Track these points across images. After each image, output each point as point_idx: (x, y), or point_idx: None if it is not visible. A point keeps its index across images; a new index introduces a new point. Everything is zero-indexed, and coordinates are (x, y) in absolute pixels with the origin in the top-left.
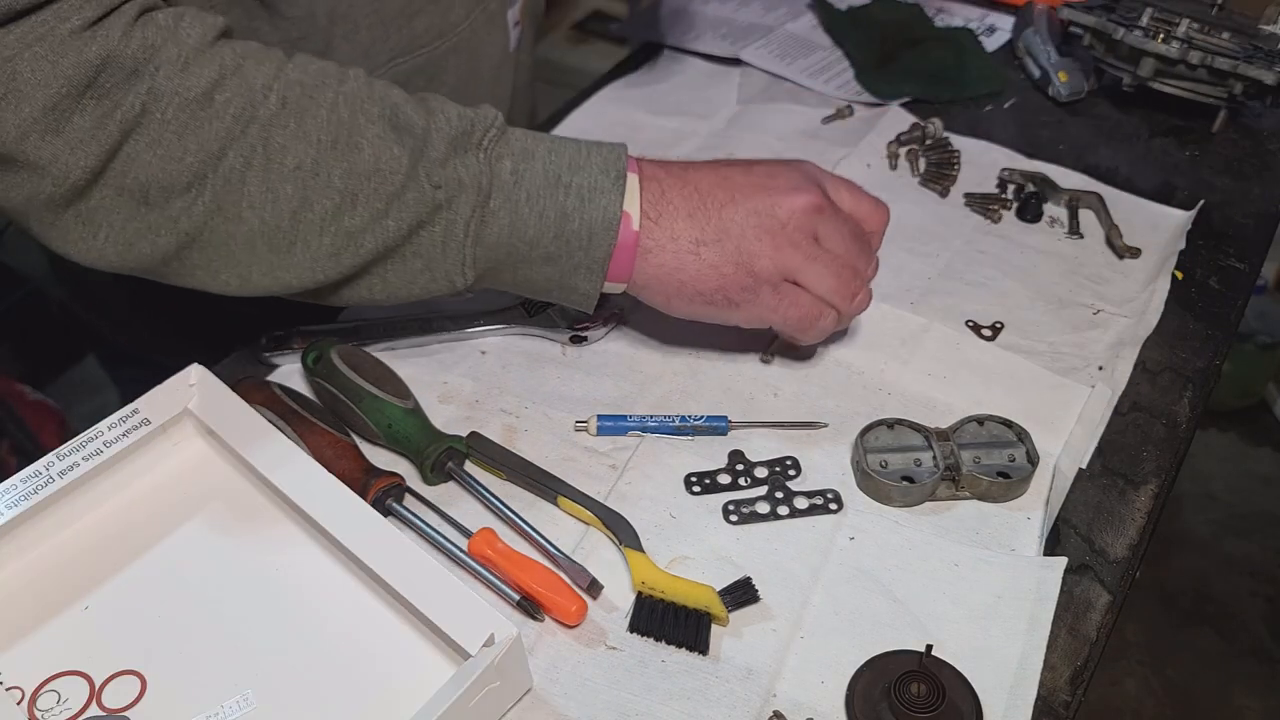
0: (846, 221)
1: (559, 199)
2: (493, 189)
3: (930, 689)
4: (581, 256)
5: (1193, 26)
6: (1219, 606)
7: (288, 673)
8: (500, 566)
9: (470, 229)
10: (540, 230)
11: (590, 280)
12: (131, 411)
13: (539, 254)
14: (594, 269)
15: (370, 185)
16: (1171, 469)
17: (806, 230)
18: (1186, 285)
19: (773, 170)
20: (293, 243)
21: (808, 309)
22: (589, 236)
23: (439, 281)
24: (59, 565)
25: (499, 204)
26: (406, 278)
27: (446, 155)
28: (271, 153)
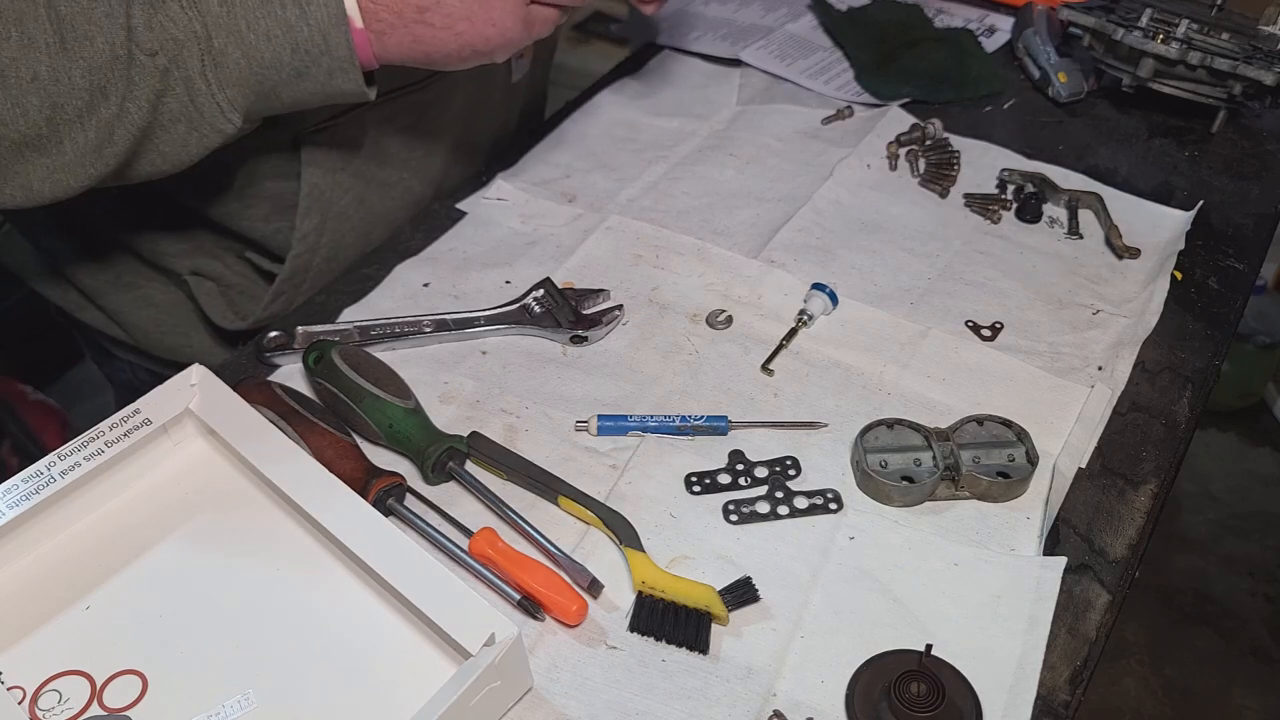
0: None
1: (278, 12)
2: (209, 30)
3: (930, 688)
4: (327, 60)
5: (1192, 27)
6: (1219, 606)
7: (288, 672)
8: (501, 566)
9: (208, 77)
10: (275, 51)
11: (349, 79)
12: (133, 411)
13: (287, 73)
14: (345, 68)
15: (114, 73)
16: (1171, 469)
17: None
18: (1186, 285)
19: None
20: (60, 142)
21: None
22: (324, 38)
23: (211, 135)
24: (60, 565)
25: (223, 41)
26: (179, 142)
27: (148, 17)
28: (4, 70)
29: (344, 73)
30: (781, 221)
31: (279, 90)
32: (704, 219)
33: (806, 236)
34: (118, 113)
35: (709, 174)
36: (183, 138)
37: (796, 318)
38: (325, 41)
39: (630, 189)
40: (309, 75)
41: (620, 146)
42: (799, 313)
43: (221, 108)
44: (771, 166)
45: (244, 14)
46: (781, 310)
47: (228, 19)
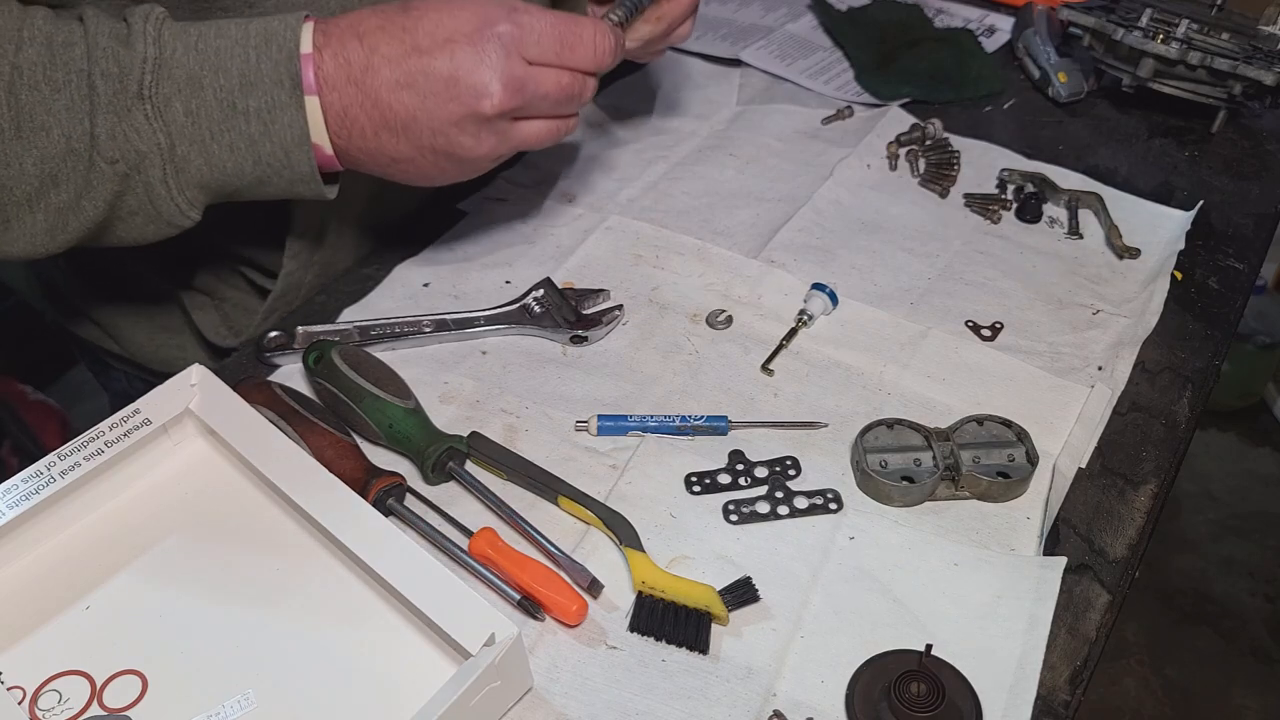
0: (547, 95)
1: (241, 127)
2: (173, 140)
3: (930, 688)
4: (289, 174)
5: (1192, 27)
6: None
7: (288, 672)
8: (501, 566)
9: (169, 182)
10: (237, 161)
11: (310, 188)
12: (133, 411)
13: (249, 179)
14: (306, 180)
15: (67, 165)
16: (1171, 469)
17: (497, 128)
18: (1186, 285)
19: (455, 63)
20: (6, 222)
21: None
22: (286, 155)
23: (168, 226)
24: (60, 565)
25: (185, 149)
26: (136, 231)
27: (112, 126)
28: None
29: (305, 184)
30: (781, 221)
31: (240, 192)
32: (704, 219)
33: (806, 236)
34: (72, 205)
35: (709, 174)
36: (140, 228)
37: (796, 318)
38: (287, 158)
39: (630, 189)
40: (270, 183)
41: (620, 146)
42: (799, 313)
43: (180, 207)
44: (771, 166)
45: (208, 125)
46: (781, 310)
47: (192, 129)
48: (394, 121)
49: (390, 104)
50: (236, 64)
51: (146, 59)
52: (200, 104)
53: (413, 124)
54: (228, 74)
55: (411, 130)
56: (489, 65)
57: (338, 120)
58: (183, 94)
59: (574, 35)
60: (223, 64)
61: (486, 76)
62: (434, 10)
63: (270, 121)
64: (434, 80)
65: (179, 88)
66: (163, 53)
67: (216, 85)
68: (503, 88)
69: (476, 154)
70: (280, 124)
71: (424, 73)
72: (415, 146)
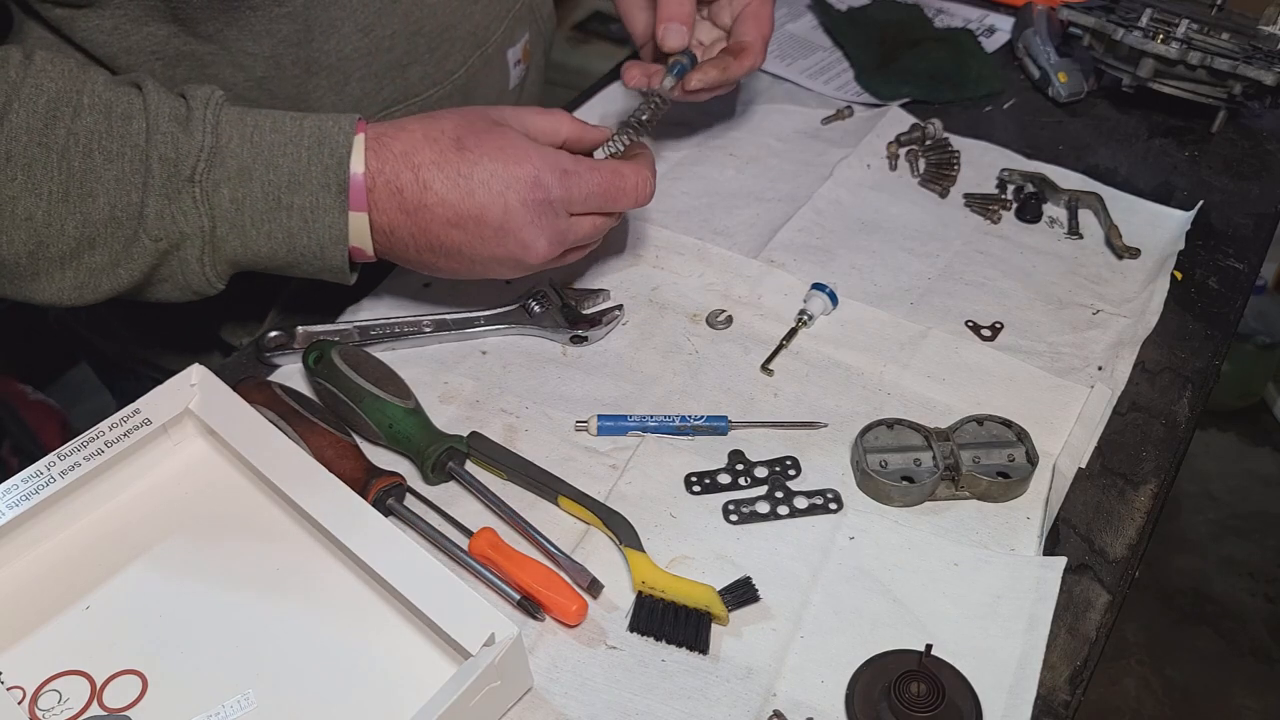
0: (581, 228)
1: (283, 221)
2: (215, 222)
3: (930, 688)
4: (319, 265)
5: (1192, 27)
6: (1219, 606)
7: (288, 672)
8: (501, 566)
9: (204, 261)
10: (272, 248)
11: (337, 277)
12: (133, 411)
13: (279, 263)
14: (335, 272)
15: (107, 231)
16: (1171, 469)
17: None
18: (1186, 285)
19: (505, 223)
20: (35, 275)
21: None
22: (320, 250)
23: (192, 294)
24: (60, 565)
25: (225, 231)
26: (160, 295)
27: (161, 207)
28: (1, 203)
29: (333, 274)
30: (781, 221)
31: (267, 270)
32: (704, 219)
33: (806, 236)
34: (107, 269)
35: (709, 174)
36: (165, 293)
37: (796, 318)
38: (321, 252)
39: None
40: (298, 268)
41: None
42: (799, 313)
43: (209, 280)
44: (771, 166)
45: (251, 214)
46: (781, 310)
47: (235, 215)
48: (439, 248)
49: (439, 235)
50: (287, 161)
51: (204, 148)
52: (247, 194)
53: (457, 254)
54: (278, 169)
55: (455, 257)
56: (538, 226)
57: (383, 233)
58: (231, 182)
59: (617, 189)
60: (274, 159)
61: (534, 235)
62: (489, 158)
63: (312, 220)
64: (485, 228)
65: (229, 175)
66: (219, 141)
67: (265, 179)
68: (548, 245)
69: (508, 277)
70: (321, 224)
71: (476, 220)
72: (454, 265)
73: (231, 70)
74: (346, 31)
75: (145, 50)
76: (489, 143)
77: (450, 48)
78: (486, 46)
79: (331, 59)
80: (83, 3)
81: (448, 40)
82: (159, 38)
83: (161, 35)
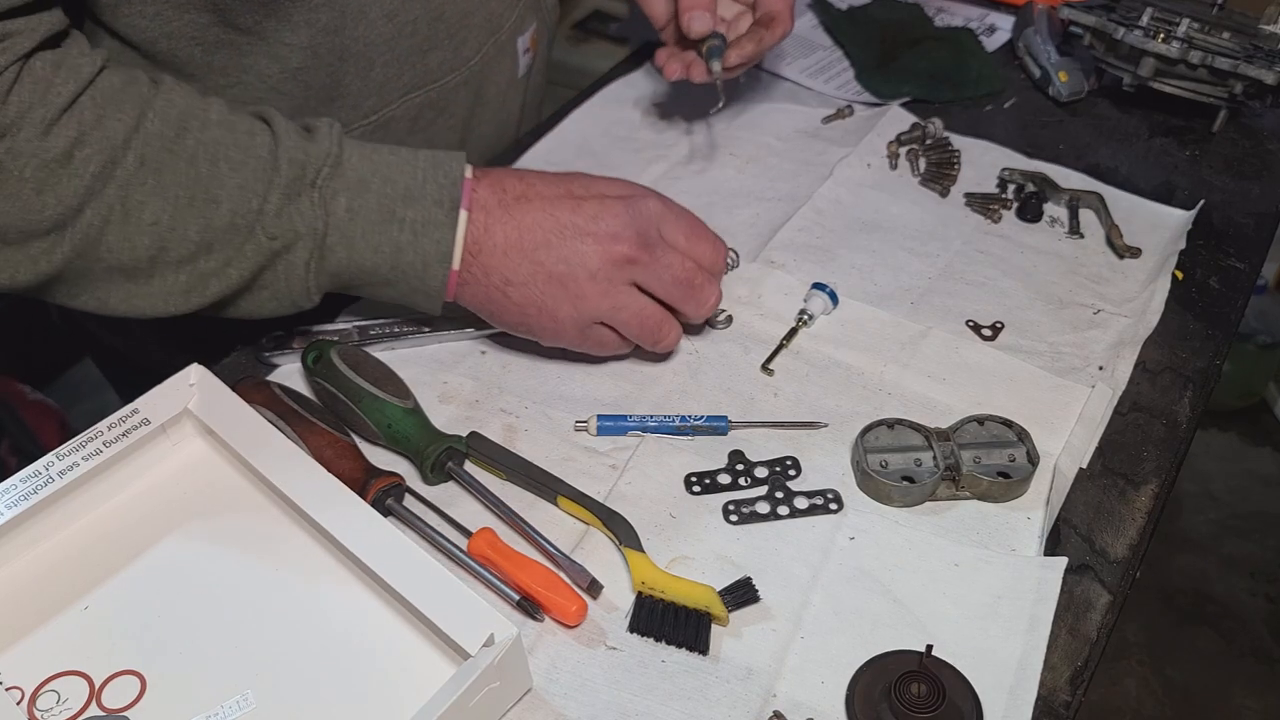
0: (669, 267)
1: (393, 234)
2: (328, 229)
3: (930, 689)
4: (418, 284)
5: (1193, 26)
6: (1219, 606)
7: (288, 673)
8: (500, 566)
9: (310, 267)
10: (376, 262)
11: (429, 303)
12: (131, 411)
13: (378, 279)
14: (430, 295)
15: (225, 237)
16: (1171, 469)
17: (617, 279)
18: (1186, 285)
19: (603, 208)
20: (150, 278)
21: (613, 346)
22: (423, 268)
23: (286, 306)
24: (59, 565)
25: (335, 240)
26: (256, 304)
27: (281, 205)
28: (130, 209)
29: (426, 297)
30: (781, 221)
31: (362, 288)
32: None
33: (806, 236)
34: (218, 271)
35: (709, 174)
36: (262, 302)
37: (796, 317)
38: (424, 270)
39: None
40: (395, 286)
41: (620, 146)
42: (799, 312)
43: (309, 290)
44: (771, 166)
45: (363, 225)
46: (781, 310)
47: (348, 224)
48: (528, 243)
49: (531, 228)
50: (404, 178)
51: (329, 154)
52: (363, 205)
53: (544, 248)
54: (394, 184)
55: (540, 253)
56: (630, 218)
57: (476, 235)
58: (350, 191)
59: (703, 231)
60: (392, 175)
61: (624, 223)
62: (589, 177)
63: (420, 234)
64: (579, 216)
65: (347, 184)
66: (342, 152)
67: (382, 192)
68: (636, 237)
69: (586, 292)
70: (429, 239)
71: (572, 210)
72: (534, 270)
73: (268, 61)
74: (373, 17)
75: (185, 36)
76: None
77: (468, 34)
78: (500, 33)
79: (359, 45)
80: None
81: (466, 26)
82: (199, 25)
83: (202, 23)
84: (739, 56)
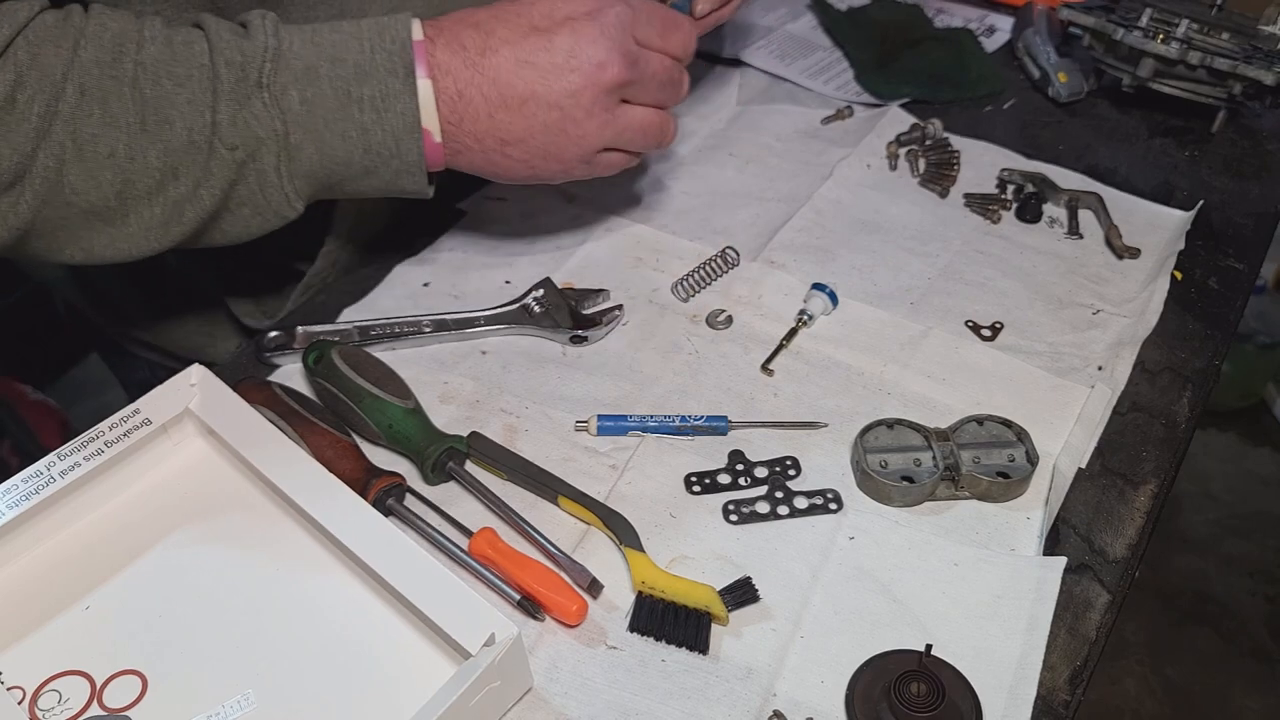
0: (654, 75)
1: (355, 115)
2: (288, 127)
3: (930, 688)
4: (396, 163)
5: (1192, 27)
6: (1219, 606)
7: (288, 672)
8: (501, 566)
9: (281, 170)
10: (348, 150)
11: (414, 180)
12: (132, 411)
13: (356, 170)
14: (412, 171)
15: (188, 157)
16: (1171, 469)
17: (612, 105)
18: (1186, 285)
19: (576, 37)
20: (125, 216)
21: (622, 163)
22: (396, 144)
23: (273, 219)
24: (60, 565)
25: (300, 137)
26: (241, 224)
27: (233, 114)
28: (83, 144)
29: (410, 175)
30: (781, 221)
31: (344, 184)
32: (704, 219)
33: (806, 236)
34: (189, 195)
35: (709, 174)
36: (245, 220)
37: (796, 318)
38: (397, 146)
39: (630, 189)
40: (376, 174)
41: None
42: (799, 313)
43: (289, 196)
44: (771, 166)
45: (323, 114)
46: (781, 310)
47: (307, 117)
48: (512, 98)
49: (510, 81)
50: (352, 54)
51: (267, 49)
52: (316, 93)
53: (531, 99)
54: (343, 64)
55: (529, 105)
56: (608, 38)
57: (450, 104)
58: (299, 83)
59: (674, 20)
60: (338, 54)
61: (605, 47)
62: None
63: (384, 109)
64: (555, 53)
65: (295, 77)
66: (281, 44)
67: (332, 75)
68: (621, 58)
69: (586, 129)
70: (393, 111)
71: (545, 48)
72: (529, 123)
73: None
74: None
75: None
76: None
77: None
78: None
79: None
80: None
81: None
82: None
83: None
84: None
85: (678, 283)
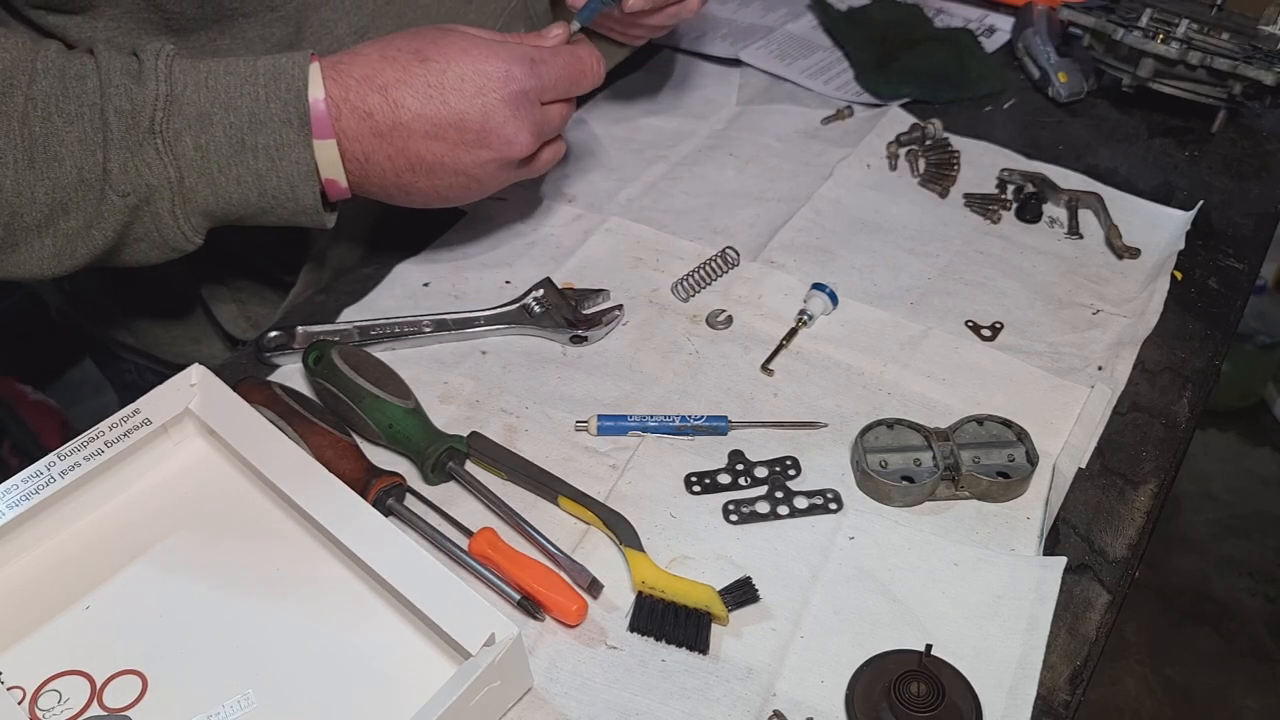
0: (562, 117)
1: (250, 163)
2: (182, 172)
3: (930, 688)
4: (292, 205)
5: (1192, 27)
6: (1218, 606)
7: (288, 672)
8: (501, 566)
9: (176, 212)
10: (242, 194)
11: (311, 219)
12: (132, 411)
13: (252, 209)
14: (309, 213)
15: (78, 195)
16: (1171, 469)
17: (514, 165)
18: (1186, 285)
19: (486, 122)
20: (14, 246)
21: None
22: (291, 189)
23: (171, 251)
24: (60, 565)
25: (194, 181)
26: (139, 255)
27: (125, 161)
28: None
29: (307, 215)
30: (781, 221)
31: (242, 220)
32: (704, 219)
33: (806, 236)
34: (81, 232)
35: (709, 174)
36: (145, 253)
37: (796, 318)
38: (293, 191)
39: (630, 189)
40: (273, 213)
41: (620, 146)
42: (799, 313)
43: (185, 234)
44: (771, 166)
45: (217, 160)
46: (781, 310)
47: (201, 162)
48: (420, 165)
49: (418, 152)
50: (246, 101)
51: (159, 96)
52: (210, 139)
53: (439, 167)
54: (237, 111)
55: (437, 171)
56: (520, 118)
57: (357, 161)
58: (193, 129)
59: (580, 72)
60: (232, 101)
61: (516, 128)
62: (456, 62)
63: (278, 158)
64: (467, 132)
65: (189, 123)
66: (174, 89)
67: (226, 122)
68: (530, 136)
69: (493, 184)
70: (288, 161)
71: (457, 126)
72: (435, 182)
73: None
74: (340, 33)
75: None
76: (451, 47)
77: None
78: None
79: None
80: (75, 9)
81: None
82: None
83: (155, 40)
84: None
85: (678, 283)
